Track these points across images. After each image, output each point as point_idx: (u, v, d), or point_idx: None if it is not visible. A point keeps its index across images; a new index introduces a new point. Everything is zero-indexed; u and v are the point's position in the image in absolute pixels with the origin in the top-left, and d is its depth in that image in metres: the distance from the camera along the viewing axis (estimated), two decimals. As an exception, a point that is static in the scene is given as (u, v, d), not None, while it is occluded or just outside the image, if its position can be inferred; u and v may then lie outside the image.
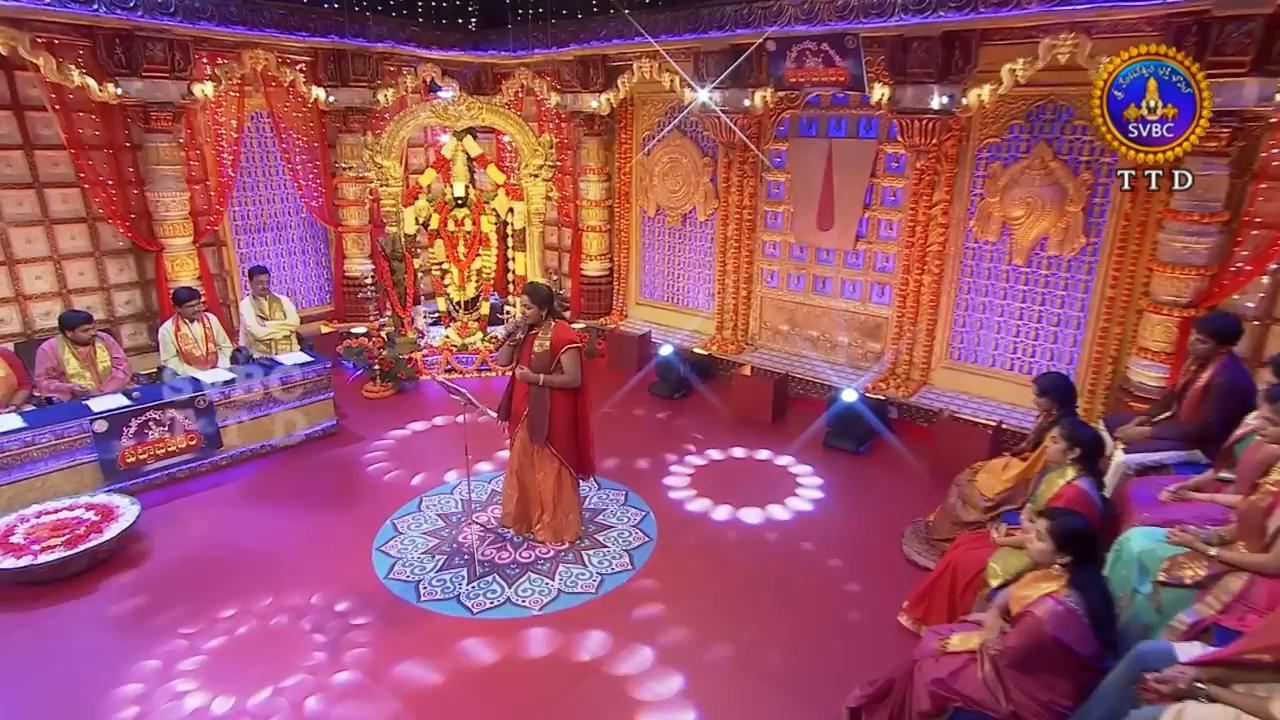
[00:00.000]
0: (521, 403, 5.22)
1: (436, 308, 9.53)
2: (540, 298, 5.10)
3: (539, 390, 5.08)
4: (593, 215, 10.38)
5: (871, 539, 5.71)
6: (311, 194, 9.83)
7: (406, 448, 7.10)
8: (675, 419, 7.95)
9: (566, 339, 5.02)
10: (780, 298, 9.11)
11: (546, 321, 5.13)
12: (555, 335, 5.06)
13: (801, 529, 5.84)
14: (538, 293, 5.11)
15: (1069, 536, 3.40)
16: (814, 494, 6.37)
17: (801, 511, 6.08)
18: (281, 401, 7.03)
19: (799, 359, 8.89)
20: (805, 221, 8.60)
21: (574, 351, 5.01)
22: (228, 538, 5.63)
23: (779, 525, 5.89)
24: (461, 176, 8.96)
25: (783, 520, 5.95)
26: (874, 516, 6.03)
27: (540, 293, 5.12)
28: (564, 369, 4.98)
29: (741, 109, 8.33)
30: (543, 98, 10.16)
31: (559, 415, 5.15)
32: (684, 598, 4.99)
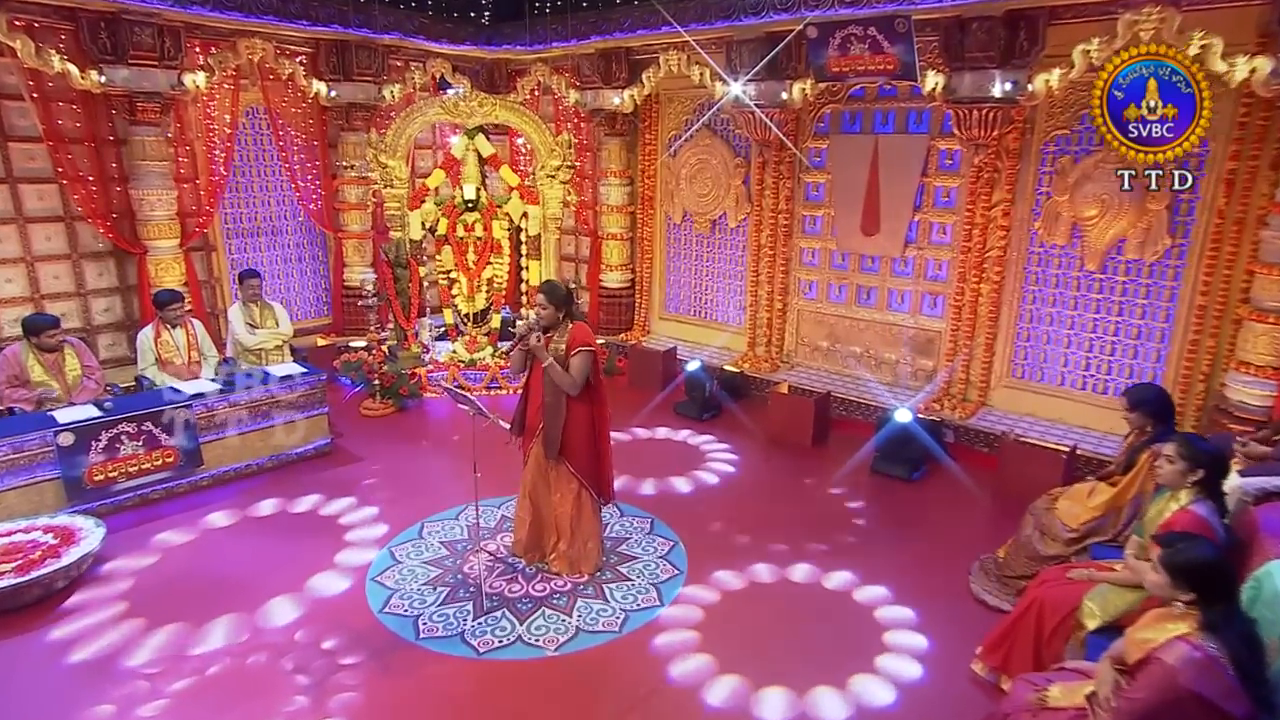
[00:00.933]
0: (536, 415, 5.00)
1: (443, 322, 9.37)
2: (558, 297, 4.91)
3: (552, 400, 4.87)
4: (613, 222, 10.20)
5: (933, 576, 5.38)
6: (310, 196, 9.69)
7: (407, 469, 6.89)
8: (705, 441, 7.69)
9: (581, 340, 4.83)
10: (819, 311, 8.87)
11: (564, 324, 4.94)
12: (571, 337, 4.87)
13: (851, 562, 5.52)
14: (555, 292, 4.91)
15: (1193, 569, 2.97)
16: (864, 525, 6.07)
17: (850, 544, 5.78)
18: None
19: (840, 378, 8.61)
20: (848, 226, 8.37)
21: (586, 355, 4.80)
22: (204, 566, 5.33)
23: (825, 557, 5.59)
24: (472, 178, 8.80)
25: (828, 552, 5.65)
26: (934, 551, 5.71)
27: (558, 292, 4.92)
28: (570, 370, 4.79)
29: (778, 103, 8.11)
30: (560, 95, 9.99)
31: (575, 428, 4.92)
32: (719, 640, 4.64)
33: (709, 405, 8.29)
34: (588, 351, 4.85)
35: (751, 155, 8.97)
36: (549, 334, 4.93)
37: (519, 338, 4.94)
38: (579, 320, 5.01)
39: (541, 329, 4.94)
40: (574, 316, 4.99)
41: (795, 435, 7.61)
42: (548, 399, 4.91)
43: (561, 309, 4.91)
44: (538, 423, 5.00)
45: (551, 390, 4.90)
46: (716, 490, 6.60)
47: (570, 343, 4.87)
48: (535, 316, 4.94)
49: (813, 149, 8.57)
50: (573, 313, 5.00)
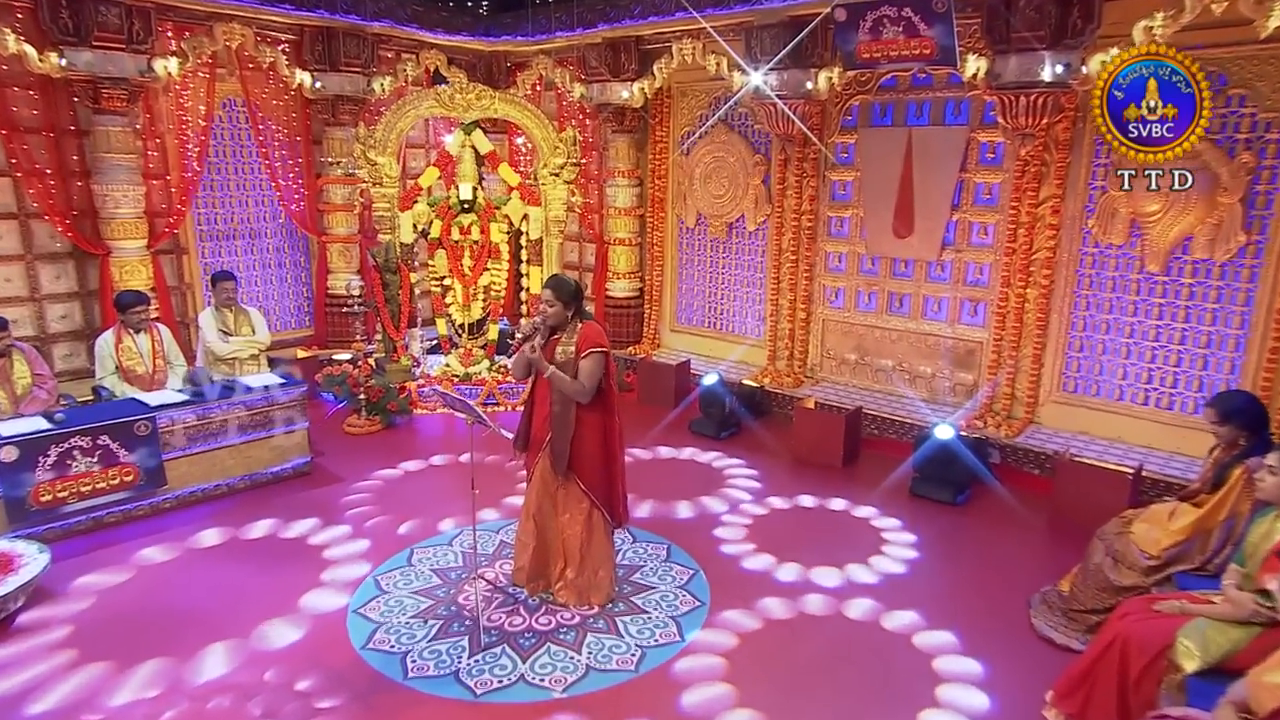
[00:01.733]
0: (542, 426, 4.80)
1: (436, 333, 9.18)
2: (567, 292, 4.69)
3: (561, 409, 4.68)
4: (621, 226, 10.00)
5: (988, 610, 5.07)
6: (292, 196, 9.51)
7: (395, 491, 6.66)
8: (725, 461, 7.48)
9: (593, 341, 4.63)
10: (847, 320, 8.67)
11: (573, 323, 4.72)
12: (580, 339, 4.66)
13: (894, 595, 5.23)
14: (564, 286, 4.70)
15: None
16: (906, 552, 5.80)
17: (892, 574, 5.50)
18: (244, 431, 6.52)
19: (870, 394, 8.40)
20: (879, 228, 8.16)
21: (598, 357, 4.61)
22: (163, 598, 5.01)
23: (865, 589, 5.30)
24: (469, 176, 8.63)
25: (869, 583, 5.38)
26: (987, 581, 5.42)
27: (566, 287, 4.71)
28: (580, 375, 4.59)
29: (802, 94, 7.93)
30: (564, 90, 9.86)
31: (586, 440, 4.72)
32: (749, 682, 4.31)
33: (727, 423, 8.07)
34: (599, 353, 4.65)
35: (772, 152, 8.80)
36: (557, 335, 4.73)
37: (522, 338, 4.75)
38: (589, 320, 4.80)
39: (548, 329, 4.73)
40: (584, 315, 4.79)
41: (824, 455, 7.39)
42: (555, 408, 4.72)
43: (570, 306, 4.71)
44: (544, 435, 4.79)
45: (560, 398, 4.70)
46: (739, 514, 6.36)
47: (580, 344, 4.67)
48: (541, 316, 4.73)
49: (839, 144, 8.40)
50: (583, 311, 4.80)
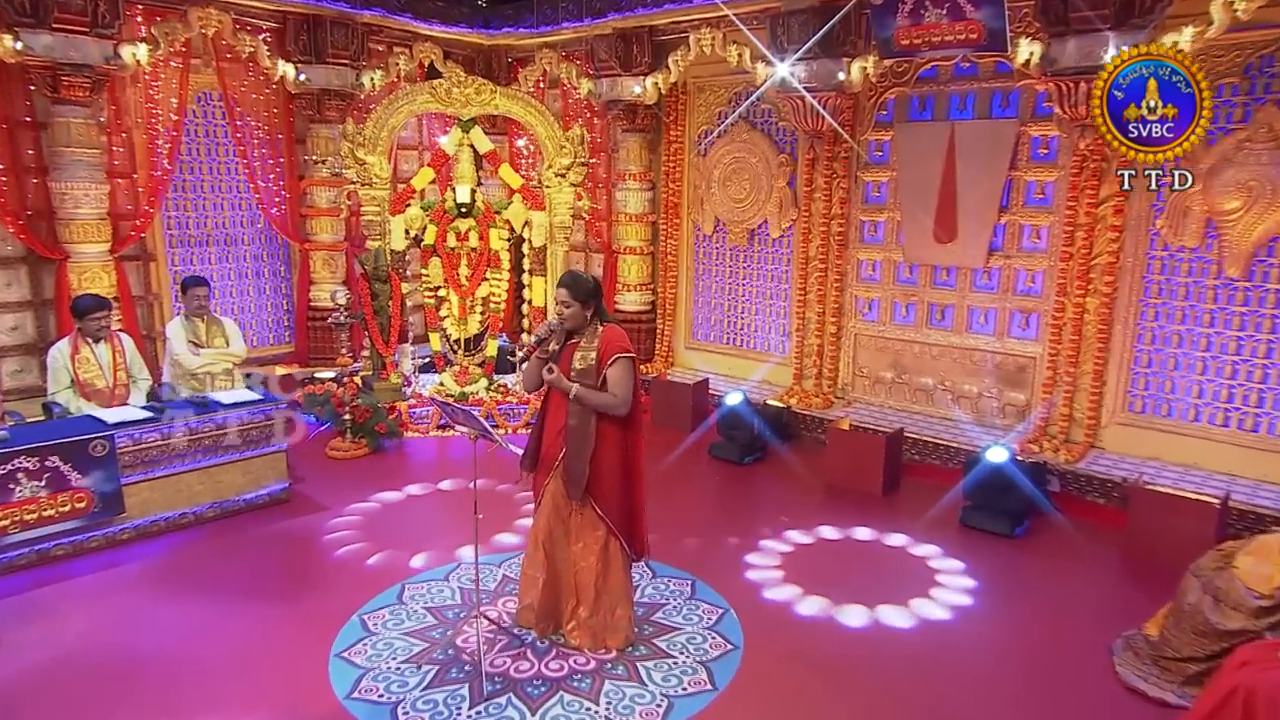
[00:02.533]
0: (554, 442, 4.52)
1: (429, 350, 8.97)
2: (584, 291, 4.45)
3: (579, 422, 4.42)
4: (631, 234, 9.85)
5: (1064, 655, 4.75)
6: (272, 199, 9.37)
7: (384, 520, 6.39)
8: (750, 489, 7.26)
9: (617, 346, 4.41)
10: (882, 335, 8.47)
11: (592, 325, 4.49)
12: (603, 343, 4.42)
13: (956, 639, 4.93)
14: (581, 284, 4.45)
15: None
16: (963, 590, 5.50)
17: (950, 614, 5.20)
18: (214, 453, 6.24)
19: (908, 416, 8.14)
20: (917, 232, 7.98)
21: (626, 363, 4.40)
22: (120, 642, 4.70)
23: (921, 631, 5.02)
24: (467, 177, 8.45)
25: (925, 624, 5.08)
26: (1059, 623, 5.11)
27: (584, 284, 4.46)
28: (610, 386, 4.36)
29: (833, 86, 7.73)
30: (570, 86, 9.71)
31: (605, 459, 4.46)
32: None
33: (752, 447, 7.78)
34: (627, 358, 4.42)
35: (799, 151, 8.64)
36: (574, 339, 4.49)
37: (534, 343, 4.51)
38: (610, 322, 4.56)
39: (564, 333, 4.49)
40: (604, 317, 4.54)
41: (861, 481, 7.10)
42: (571, 421, 4.45)
43: (589, 306, 4.45)
44: (556, 452, 4.52)
45: (577, 410, 4.44)
46: (770, 548, 6.06)
47: (602, 350, 4.42)
48: (556, 319, 4.48)
49: (873, 141, 8.23)
50: (603, 312, 4.55)
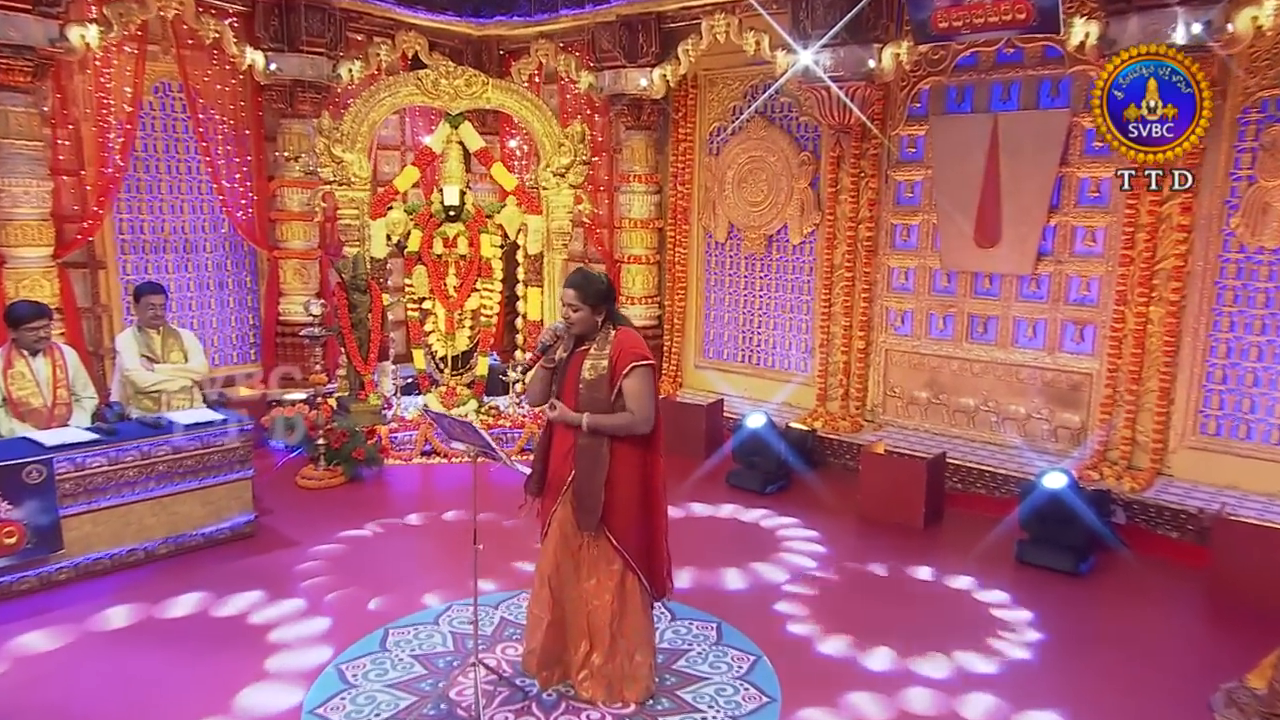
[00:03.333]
0: (563, 463, 4.34)
1: (413, 370, 8.85)
2: (594, 292, 4.27)
3: (590, 441, 4.23)
4: (636, 241, 9.69)
5: (1154, 711, 4.52)
6: (238, 202, 9.15)
7: (363, 557, 6.25)
8: (775, 521, 7.07)
9: (633, 353, 4.22)
10: (916, 350, 8.36)
11: (604, 330, 4.31)
12: (617, 350, 4.24)
13: (1022, 689, 4.71)
14: (591, 284, 4.29)
15: None
16: (1029, 636, 5.28)
17: (1014, 661, 4.99)
18: (169, 480, 6.05)
19: (946, 440, 7.94)
20: (956, 236, 7.85)
21: (645, 372, 4.21)
22: (53, 702, 4.49)
23: (984, 681, 4.79)
24: (456, 178, 8.39)
25: (987, 674, 4.86)
26: (1142, 673, 4.89)
27: (595, 284, 4.30)
28: (627, 400, 4.17)
29: (862, 75, 7.57)
30: (569, 80, 9.59)
31: (621, 481, 4.28)
32: None
33: (775, 475, 7.60)
34: (646, 367, 4.22)
35: (822, 148, 8.57)
36: (584, 346, 4.30)
37: (539, 350, 4.33)
38: (624, 324, 4.36)
39: (572, 339, 4.31)
40: (617, 320, 4.35)
41: (899, 512, 6.93)
42: (582, 440, 4.26)
43: (600, 309, 4.26)
44: (565, 474, 4.33)
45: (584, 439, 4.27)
46: (802, 585, 5.94)
47: (616, 357, 4.22)
48: (563, 323, 4.30)
49: (906, 136, 8.10)
50: (616, 314, 4.36)
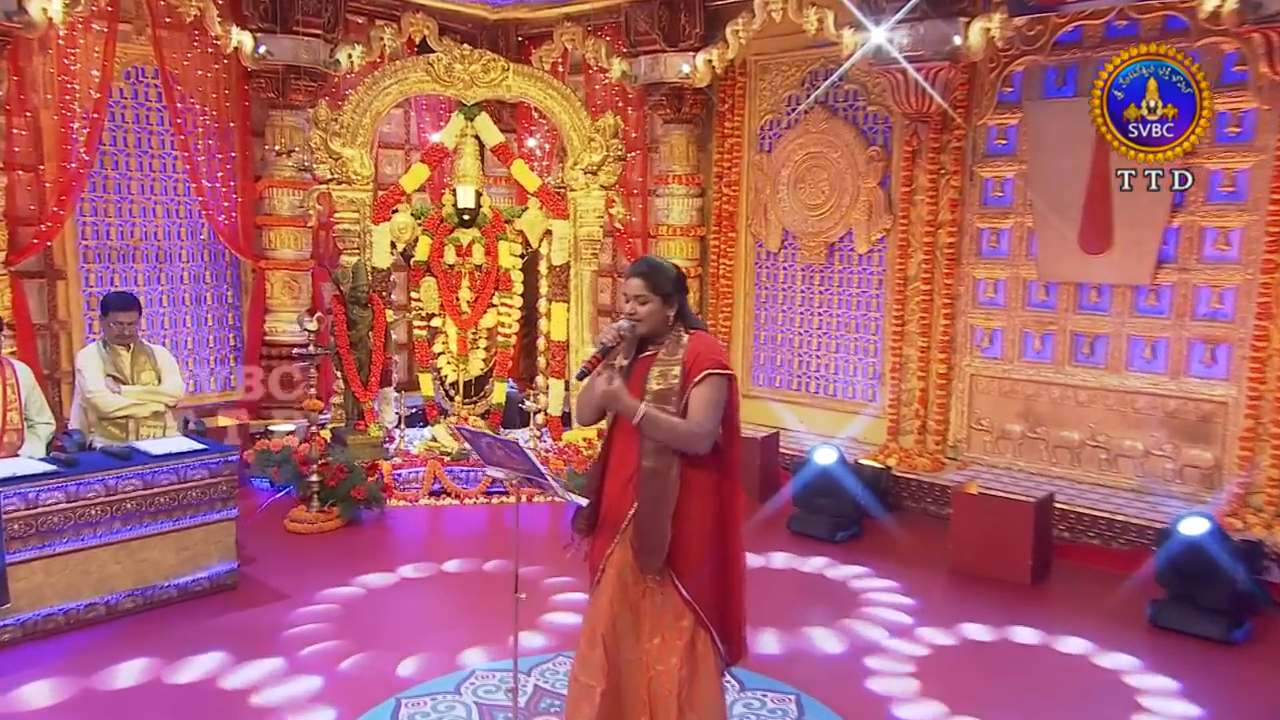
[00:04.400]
0: (621, 495, 4.03)
1: (419, 400, 8.88)
2: (665, 282, 4.02)
3: (656, 464, 3.94)
4: (675, 251, 9.56)
5: None
6: (220, 204, 8.96)
7: (367, 613, 6.11)
8: (846, 572, 6.91)
9: (709, 359, 3.98)
10: (1008, 376, 8.15)
11: (674, 331, 4.04)
12: (690, 356, 3.98)
13: None
14: (661, 274, 4.03)
15: None
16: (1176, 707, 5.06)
17: None
18: (138, 521, 5.85)
19: (1047, 481, 7.64)
20: (1056, 240, 7.69)
21: (718, 382, 3.94)
22: None
23: None
24: (471, 177, 8.38)
25: None
26: None
27: (665, 274, 4.04)
28: (690, 410, 3.93)
29: (944, 54, 7.36)
30: (599, 68, 9.50)
31: (694, 517, 3.97)
32: None
33: (847, 520, 7.38)
34: (720, 376, 3.93)
35: (894, 142, 8.47)
36: (649, 351, 4.03)
37: (597, 353, 4.03)
38: (700, 328, 4.12)
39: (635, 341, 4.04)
40: (689, 322, 4.11)
41: (1000, 564, 6.66)
42: (646, 464, 3.94)
43: (671, 305, 4.01)
44: (625, 507, 4.00)
45: (655, 451, 3.96)
46: (896, 652, 5.75)
47: (690, 363, 3.95)
48: (627, 322, 4.05)
49: (995, 126, 7.93)
50: (688, 314, 4.12)
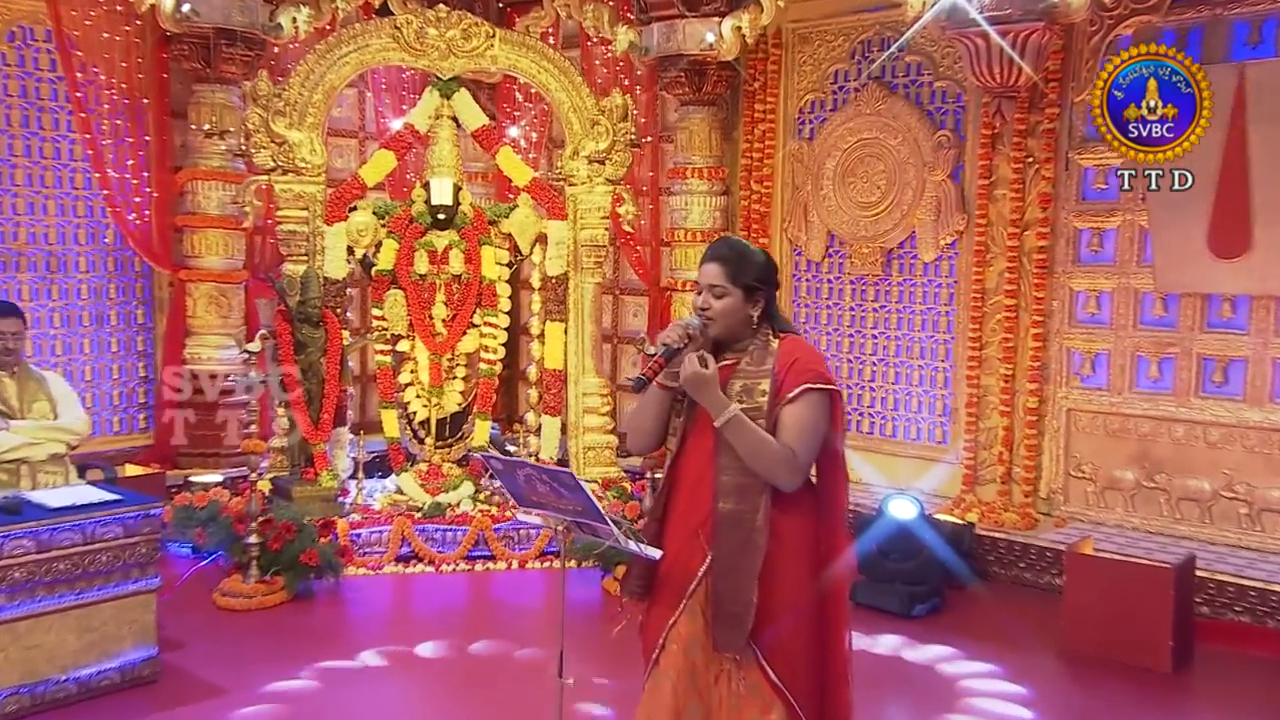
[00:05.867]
0: (689, 548, 3.82)
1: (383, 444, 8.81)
2: (751, 269, 3.90)
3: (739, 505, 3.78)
4: (694, 260, 9.01)
5: None
6: (129, 200, 8.88)
7: (325, 713, 5.88)
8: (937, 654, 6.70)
9: (808, 370, 3.81)
10: (1116, 410, 8.03)
11: (759, 336, 3.91)
12: (783, 363, 3.83)
13: None
14: (746, 259, 3.92)
15: None
16: None
17: None
18: (27, 595, 5.57)
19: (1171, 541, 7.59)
20: (1179, 243, 7.61)
21: (820, 400, 3.80)
22: None
23: None
24: (448, 167, 8.27)
25: None
26: None
27: (751, 260, 3.93)
28: (782, 431, 3.76)
29: (1037, 14, 7.32)
30: (600, 39, 9.41)
31: (784, 574, 3.79)
32: None
33: (926, 589, 7.21)
34: (821, 393, 3.77)
35: (968, 125, 8.45)
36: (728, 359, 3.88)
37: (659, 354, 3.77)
38: (791, 331, 3.96)
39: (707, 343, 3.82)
40: (779, 324, 3.93)
41: (1131, 648, 6.38)
42: (725, 506, 3.75)
43: (757, 298, 3.85)
44: (693, 565, 3.82)
45: (737, 486, 3.75)
46: None
47: (781, 376, 3.79)
48: (698, 319, 3.82)
49: None
50: (776, 316, 3.94)
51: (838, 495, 3.89)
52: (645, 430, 3.95)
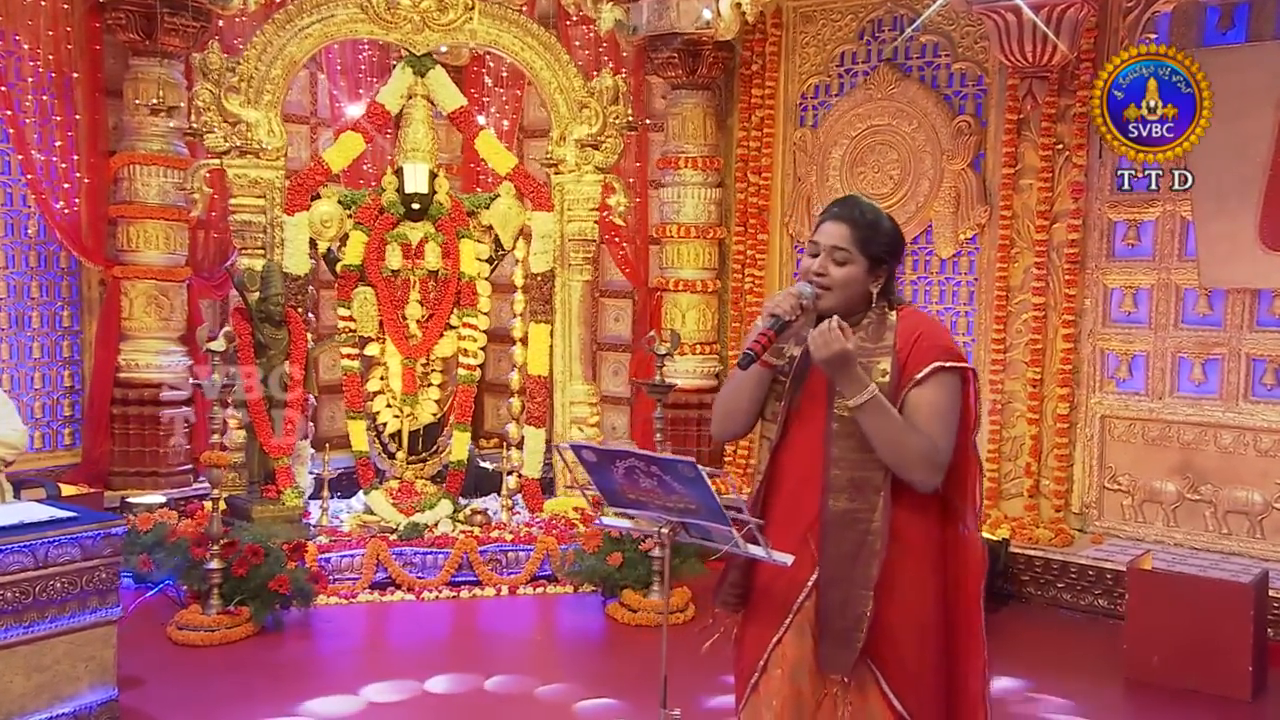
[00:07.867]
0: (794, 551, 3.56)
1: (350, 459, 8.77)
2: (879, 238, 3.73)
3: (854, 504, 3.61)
4: (685, 258, 9.54)
5: None
6: (56, 187, 8.59)
7: None
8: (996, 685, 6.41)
9: (934, 346, 3.66)
10: (1156, 416, 8.00)
11: (877, 310, 3.74)
12: (905, 339, 3.67)
13: None
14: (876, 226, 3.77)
15: None
16: None
17: None
18: None
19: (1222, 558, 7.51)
20: (1225, 235, 7.57)
21: (950, 380, 3.64)
22: None
23: None
24: (423, 151, 8.19)
25: None
26: None
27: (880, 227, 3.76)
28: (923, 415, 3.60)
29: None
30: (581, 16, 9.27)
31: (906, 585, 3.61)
32: None
33: None
34: (953, 373, 3.61)
35: (990, 110, 8.45)
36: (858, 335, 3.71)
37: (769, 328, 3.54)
38: (908, 305, 3.85)
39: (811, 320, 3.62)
40: (894, 298, 3.80)
41: (1204, 674, 6.25)
42: (837, 505, 3.56)
43: (879, 275, 3.70)
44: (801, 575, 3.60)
45: (851, 485, 3.57)
46: None
47: (904, 353, 3.62)
48: (810, 288, 3.61)
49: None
50: (892, 290, 3.79)
51: (969, 495, 3.66)
52: (740, 411, 3.72)
